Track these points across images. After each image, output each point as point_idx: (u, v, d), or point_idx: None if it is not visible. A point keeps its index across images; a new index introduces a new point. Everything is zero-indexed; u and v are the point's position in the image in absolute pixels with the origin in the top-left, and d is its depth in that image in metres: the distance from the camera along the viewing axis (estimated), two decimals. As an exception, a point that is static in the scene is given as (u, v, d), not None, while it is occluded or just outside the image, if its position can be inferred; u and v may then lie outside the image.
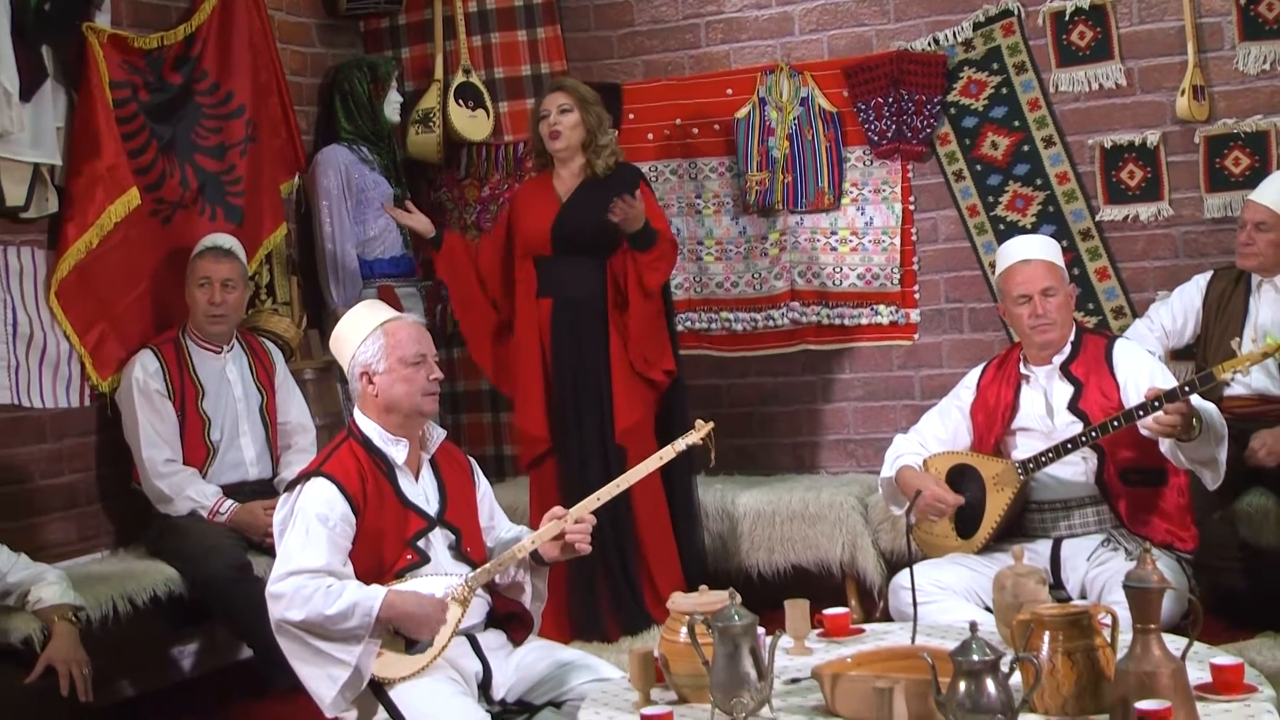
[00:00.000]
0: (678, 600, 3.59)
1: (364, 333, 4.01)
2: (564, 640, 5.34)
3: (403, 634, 3.82)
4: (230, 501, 5.44)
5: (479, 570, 3.92)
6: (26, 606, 4.64)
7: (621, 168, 5.83)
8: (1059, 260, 4.84)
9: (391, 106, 6.65)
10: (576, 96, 5.75)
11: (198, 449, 5.53)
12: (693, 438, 4.07)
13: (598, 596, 5.67)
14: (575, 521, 3.94)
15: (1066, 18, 5.96)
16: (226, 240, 5.75)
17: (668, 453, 4.07)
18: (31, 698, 4.37)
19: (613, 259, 5.73)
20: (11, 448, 5.38)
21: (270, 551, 4.09)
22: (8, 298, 5.33)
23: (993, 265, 5.99)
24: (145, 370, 5.48)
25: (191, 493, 5.42)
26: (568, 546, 3.95)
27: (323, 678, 3.78)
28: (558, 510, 3.98)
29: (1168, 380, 4.50)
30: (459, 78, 6.84)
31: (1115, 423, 4.49)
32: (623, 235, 5.63)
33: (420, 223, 5.97)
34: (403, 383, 3.94)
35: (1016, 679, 3.07)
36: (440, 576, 3.89)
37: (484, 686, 3.92)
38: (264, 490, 5.59)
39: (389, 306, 4.19)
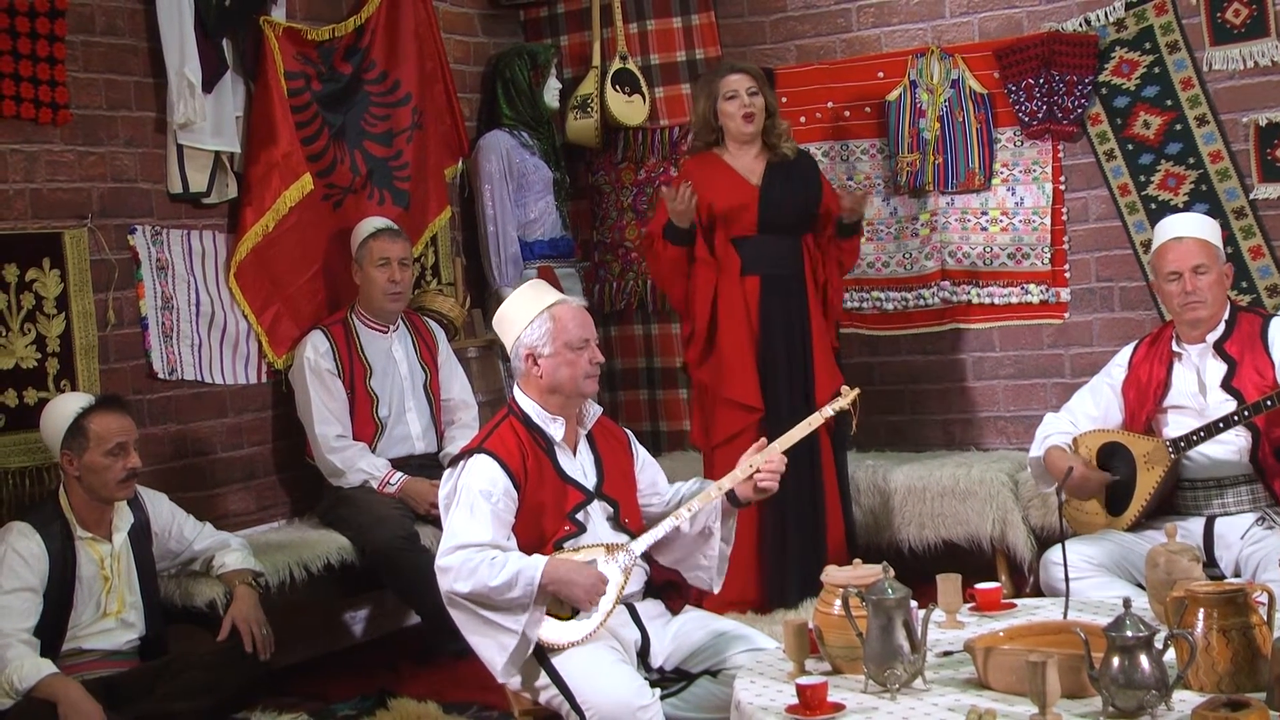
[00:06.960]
0: (832, 573, 3.60)
1: (530, 315, 4.05)
2: (752, 602, 5.44)
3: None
4: (399, 474, 5.59)
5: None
6: (211, 572, 4.89)
7: (800, 151, 5.88)
8: (1214, 239, 4.76)
9: (551, 93, 6.78)
10: (761, 80, 5.75)
11: (366, 425, 5.69)
12: (840, 403, 4.10)
13: (787, 561, 5.67)
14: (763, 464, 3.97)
15: (1221, -4, 5.86)
16: (385, 221, 5.90)
17: (816, 419, 4.09)
18: (219, 656, 4.60)
19: (807, 236, 5.77)
20: (195, 421, 5.60)
21: (436, 522, 4.15)
22: (191, 279, 5.54)
23: (1145, 244, 5.97)
24: (316, 350, 5.65)
25: (363, 465, 5.58)
26: (758, 488, 3.98)
27: (493, 646, 3.85)
28: (761, 443, 4.01)
29: (1326, 359, 4.42)
30: (616, 64, 6.90)
31: (1269, 401, 4.43)
32: (823, 218, 5.73)
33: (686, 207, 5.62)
34: (567, 366, 4.00)
35: (1170, 656, 3.04)
36: (599, 545, 3.94)
37: (643, 654, 3.98)
38: (429, 464, 5.72)
39: (552, 288, 4.22)
